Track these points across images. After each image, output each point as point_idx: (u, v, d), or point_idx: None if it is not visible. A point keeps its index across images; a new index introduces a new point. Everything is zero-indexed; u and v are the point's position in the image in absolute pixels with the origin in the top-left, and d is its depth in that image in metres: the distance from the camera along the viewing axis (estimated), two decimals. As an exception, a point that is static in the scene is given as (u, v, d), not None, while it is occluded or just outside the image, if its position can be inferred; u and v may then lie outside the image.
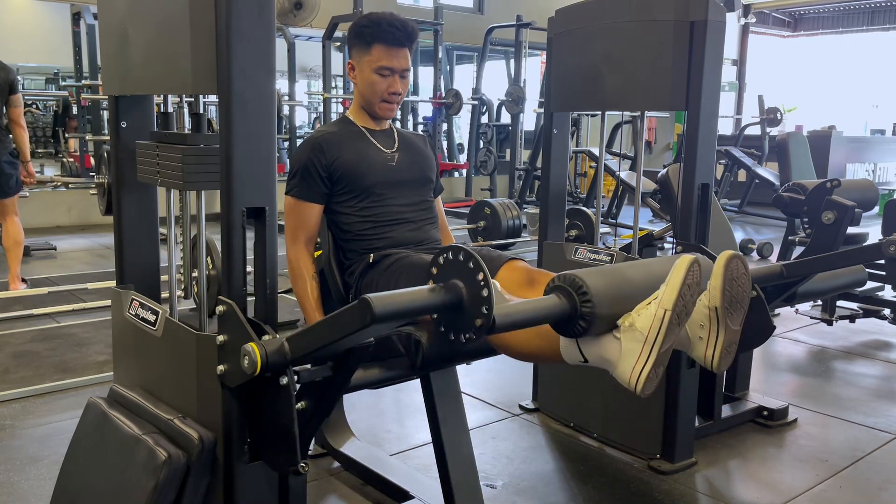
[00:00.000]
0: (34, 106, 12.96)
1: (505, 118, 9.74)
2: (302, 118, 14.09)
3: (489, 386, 3.29)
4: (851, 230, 3.07)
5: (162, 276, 2.08)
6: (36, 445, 2.64)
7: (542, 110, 4.10)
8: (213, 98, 1.53)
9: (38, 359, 3.52)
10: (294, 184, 2.11)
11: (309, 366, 1.54)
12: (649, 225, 7.14)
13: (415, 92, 9.44)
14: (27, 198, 6.69)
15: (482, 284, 1.28)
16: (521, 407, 3.05)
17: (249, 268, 1.56)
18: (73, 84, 7.67)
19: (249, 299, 1.59)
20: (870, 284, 3.89)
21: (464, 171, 10.15)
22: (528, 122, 10.03)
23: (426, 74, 9.95)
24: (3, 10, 11.64)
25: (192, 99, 1.76)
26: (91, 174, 7.59)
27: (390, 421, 2.96)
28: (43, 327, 4.02)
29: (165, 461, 1.54)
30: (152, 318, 1.78)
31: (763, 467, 2.62)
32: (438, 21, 9.05)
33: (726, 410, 2.94)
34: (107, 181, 2.08)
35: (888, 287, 4.25)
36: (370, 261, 2.08)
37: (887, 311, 4.12)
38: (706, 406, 2.80)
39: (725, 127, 12.20)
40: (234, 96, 1.49)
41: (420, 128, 10.40)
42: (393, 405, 3.10)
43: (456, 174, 10.49)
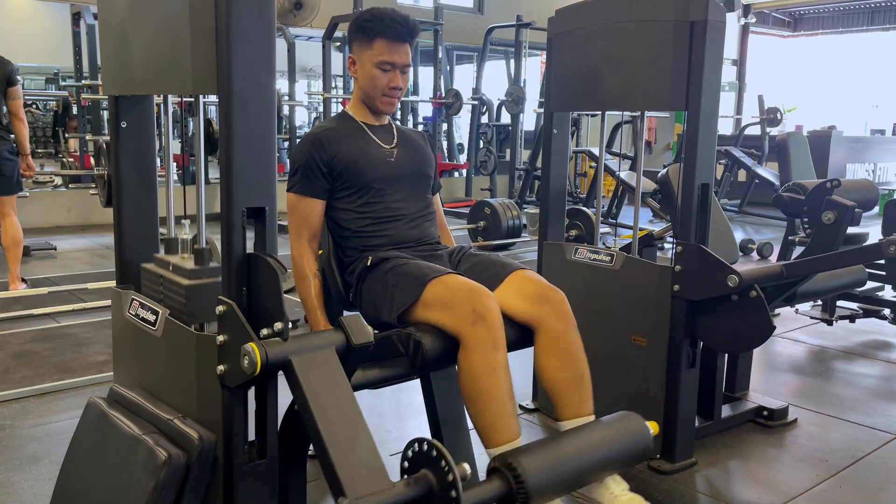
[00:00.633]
0: (34, 106, 12.96)
1: (505, 118, 9.74)
2: (302, 118, 14.09)
3: (489, 386, 3.28)
4: (851, 230, 3.07)
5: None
6: (36, 445, 2.64)
7: (542, 110, 4.10)
8: (213, 98, 1.53)
9: (38, 359, 3.52)
10: (296, 180, 2.12)
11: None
12: (649, 225, 7.13)
13: (415, 92, 9.44)
14: (27, 198, 6.70)
15: (451, 483, 1.42)
16: (521, 407, 3.04)
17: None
18: (73, 84, 7.68)
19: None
20: (870, 284, 3.89)
21: (464, 171, 10.15)
22: (528, 122, 10.02)
23: (426, 74, 9.95)
24: (3, 10, 11.64)
25: (192, 99, 1.76)
26: (91, 174, 7.58)
27: (390, 421, 2.96)
28: (43, 327, 4.02)
29: (165, 461, 1.54)
30: (152, 318, 1.78)
31: (763, 467, 2.62)
32: (438, 21, 9.05)
33: (726, 410, 2.94)
34: (107, 173, 2.07)
35: (888, 287, 4.25)
36: (368, 263, 2.08)
37: (887, 311, 4.12)
38: (706, 406, 2.80)
39: (725, 127, 12.21)
40: (234, 96, 1.49)
41: (420, 128, 10.39)
42: (393, 405, 3.10)
43: (456, 174, 10.49)
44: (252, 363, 1.46)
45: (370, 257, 2.08)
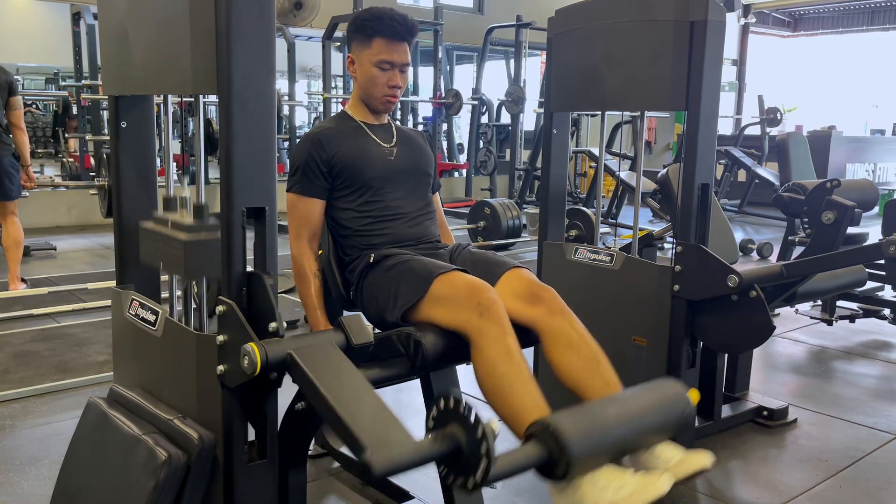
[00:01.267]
0: (34, 106, 12.96)
1: (505, 118, 9.73)
2: (302, 118, 14.09)
3: (489, 386, 3.28)
4: (851, 230, 3.07)
5: (162, 276, 2.08)
6: (36, 445, 2.64)
7: (542, 110, 4.10)
8: (213, 98, 1.53)
9: (38, 359, 3.52)
10: (295, 180, 2.12)
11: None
12: (649, 225, 7.14)
13: (415, 92, 9.44)
14: (27, 198, 6.70)
15: (481, 439, 1.31)
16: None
17: (249, 268, 1.56)
18: (73, 84, 7.67)
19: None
20: (870, 284, 3.89)
21: (464, 171, 10.15)
22: (528, 122, 10.02)
23: (426, 74, 9.95)
24: (3, 10, 11.64)
25: (192, 99, 1.76)
26: (91, 174, 7.59)
27: (390, 421, 2.95)
28: (43, 327, 4.02)
29: (165, 461, 1.54)
30: (152, 318, 1.78)
31: (763, 467, 2.62)
32: (438, 21, 9.05)
33: (726, 410, 2.94)
34: (107, 183, 2.08)
35: (888, 287, 4.25)
36: (370, 261, 2.07)
37: (887, 311, 4.12)
38: (706, 406, 2.80)
39: (725, 127, 12.21)
40: (234, 96, 1.49)
41: (420, 128, 10.39)
42: (393, 405, 3.08)
43: (456, 174, 10.48)
44: (252, 363, 1.46)
45: (372, 255, 2.08)
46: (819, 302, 4.14)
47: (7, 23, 11.45)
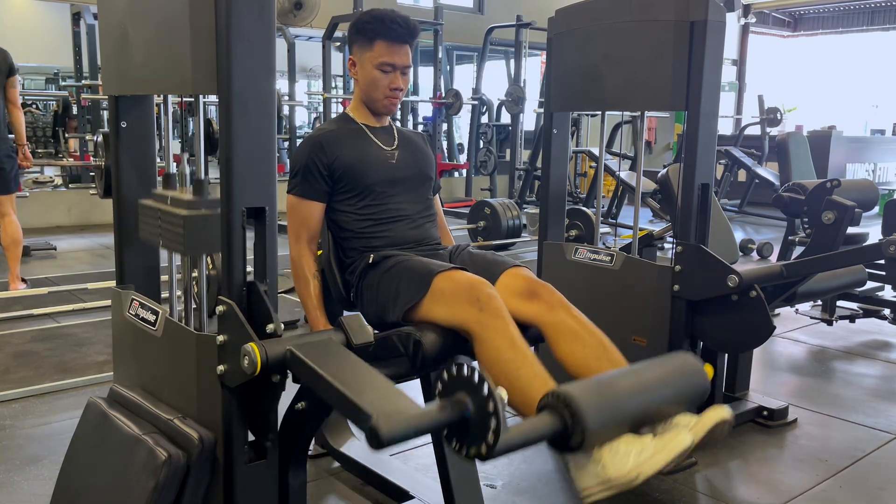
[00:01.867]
0: (34, 106, 12.95)
1: (505, 118, 9.73)
2: (302, 118, 14.09)
3: (489, 386, 3.28)
4: (851, 230, 3.07)
5: (162, 276, 2.08)
6: (36, 445, 2.64)
7: (542, 110, 4.10)
8: (213, 98, 1.53)
9: (38, 359, 3.52)
10: (296, 182, 2.12)
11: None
12: (649, 225, 7.13)
13: (415, 92, 9.44)
14: (27, 198, 6.70)
15: (491, 411, 1.26)
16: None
17: (249, 268, 1.56)
18: (73, 84, 7.67)
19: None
20: (870, 284, 3.89)
21: (464, 171, 10.14)
22: (528, 122, 10.02)
23: (426, 74, 9.95)
24: (3, 10, 11.64)
25: (192, 99, 1.76)
26: (91, 174, 7.58)
27: (390, 421, 2.95)
28: (43, 327, 4.02)
29: (165, 461, 1.54)
30: (152, 318, 1.78)
31: (763, 467, 2.62)
32: (438, 21, 9.04)
33: (726, 410, 2.94)
34: (104, 163, 2.08)
35: (888, 287, 4.25)
36: (370, 261, 2.07)
37: (887, 311, 4.12)
38: (706, 406, 2.79)
39: (725, 127, 12.20)
40: (234, 96, 1.49)
41: (420, 128, 10.39)
42: (393, 405, 3.10)
43: (456, 174, 10.48)
44: (252, 363, 1.46)
45: (371, 255, 2.08)
46: (819, 302, 4.14)
47: (7, 23, 11.45)
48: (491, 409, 1.25)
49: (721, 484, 2.51)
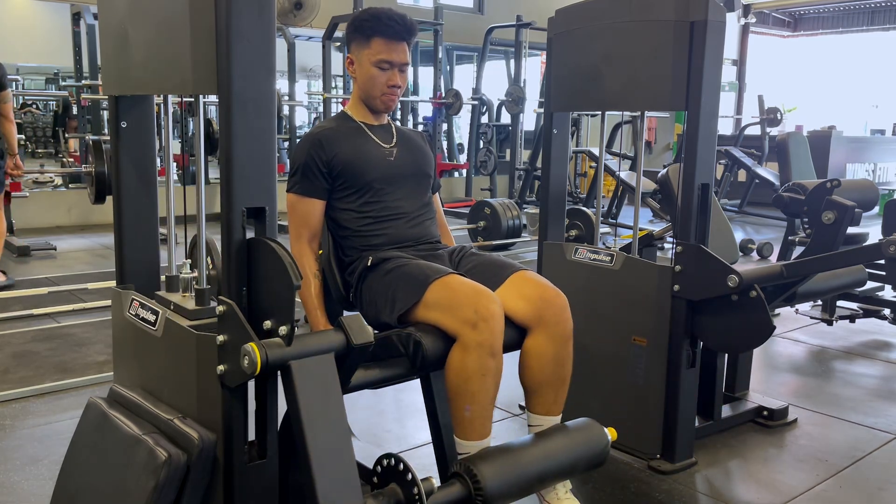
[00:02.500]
0: (34, 106, 12.95)
1: (505, 118, 9.74)
2: (302, 118, 14.09)
3: (489, 386, 3.28)
4: (851, 230, 3.07)
5: (162, 276, 2.08)
6: (36, 445, 2.64)
7: (542, 110, 4.10)
8: (213, 98, 1.53)
9: (38, 359, 3.52)
10: (295, 181, 2.12)
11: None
12: (649, 225, 7.14)
13: (415, 92, 9.44)
14: (27, 198, 6.70)
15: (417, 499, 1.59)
16: (521, 407, 3.04)
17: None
18: (73, 84, 7.67)
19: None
20: (870, 284, 3.89)
21: (464, 171, 10.15)
22: (528, 122, 10.02)
23: (426, 74, 9.95)
24: (3, 10, 11.64)
25: (192, 99, 1.76)
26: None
27: (390, 421, 2.96)
28: (43, 327, 4.02)
29: (165, 461, 1.54)
30: (152, 318, 1.78)
31: (763, 467, 2.62)
32: (438, 21, 9.05)
33: (726, 410, 2.94)
34: (94, 169, 2.12)
35: (888, 287, 4.25)
36: (368, 263, 2.07)
37: (887, 311, 4.12)
38: (706, 406, 2.80)
39: (725, 127, 12.21)
40: (234, 96, 1.49)
41: (420, 128, 10.39)
42: (393, 405, 3.10)
43: (456, 174, 10.48)
44: (252, 363, 1.46)
45: (370, 257, 2.08)
46: (819, 302, 4.14)
47: (7, 23, 11.46)
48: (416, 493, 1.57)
49: (721, 484, 2.51)
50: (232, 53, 1.47)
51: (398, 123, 2.51)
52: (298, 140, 8.63)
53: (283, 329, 1.50)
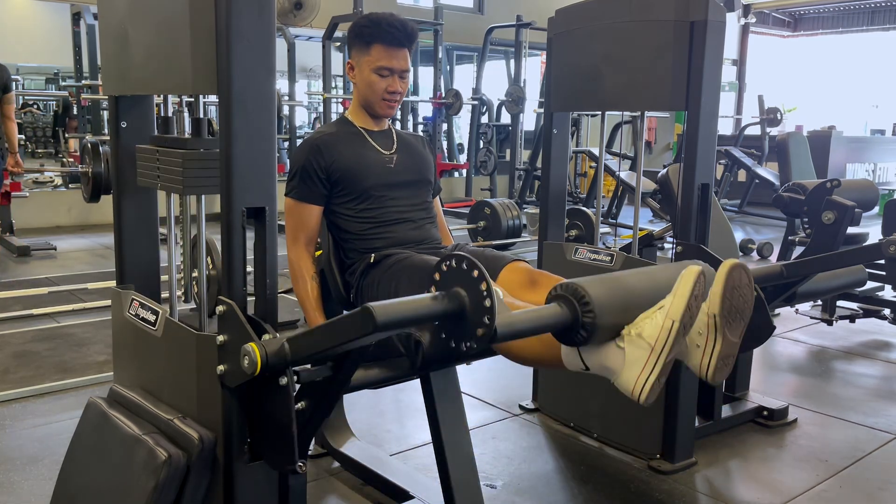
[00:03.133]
0: (34, 106, 12.95)
1: (505, 118, 9.74)
2: (302, 118, 14.09)
3: (489, 386, 3.29)
4: (851, 230, 3.07)
5: (162, 276, 2.08)
6: (36, 445, 2.64)
7: (542, 110, 4.10)
8: (213, 98, 1.53)
9: (38, 359, 3.52)
10: (293, 185, 2.12)
11: (309, 366, 1.54)
12: (649, 225, 7.14)
13: (415, 92, 9.44)
14: (27, 198, 6.70)
15: (485, 294, 1.27)
16: (521, 407, 3.05)
17: (249, 268, 1.56)
18: (73, 84, 7.67)
19: (249, 299, 1.59)
20: (870, 284, 3.89)
21: (464, 171, 10.15)
22: (528, 122, 10.02)
23: (426, 74, 9.95)
24: (3, 10, 11.64)
25: (192, 100, 1.76)
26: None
27: (390, 421, 2.96)
28: (43, 327, 4.02)
29: (165, 461, 1.54)
30: (152, 318, 1.78)
31: (763, 467, 2.62)
32: (438, 21, 9.05)
33: (726, 410, 2.94)
34: (90, 170, 2.17)
35: (888, 287, 4.25)
36: (371, 260, 2.08)
37: (887, 311, 4.12)
38: (706, 406, 2.80)
39: (725, 127, 12.20)
40: (234, 96, 1.49)
41: (420, 128, 10.40)
42: (393, 405, 3.10)
43: (456, 174, 10.48)
44: (252, 363, 1.46)
45: (373, 255, 2.09)
46: (819, 302, 4.14)
47: (7, 23, 11.45)
48: (485, 290, 1.25)
49: (721, 484, 2.51)
50: (232, 53, 1.47)
51: (399, 127, 2.51)
52: (298, 140, 8.63)
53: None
